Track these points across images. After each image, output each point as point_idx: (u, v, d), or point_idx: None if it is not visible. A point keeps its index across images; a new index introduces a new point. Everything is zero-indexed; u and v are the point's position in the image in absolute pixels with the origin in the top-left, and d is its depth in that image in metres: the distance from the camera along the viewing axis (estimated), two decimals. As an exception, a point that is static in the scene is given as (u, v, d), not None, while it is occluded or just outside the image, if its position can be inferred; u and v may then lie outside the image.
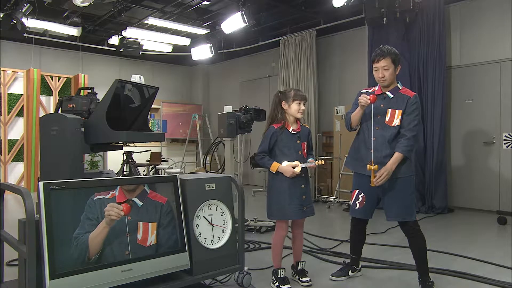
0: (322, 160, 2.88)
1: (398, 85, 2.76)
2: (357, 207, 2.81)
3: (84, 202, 1.99)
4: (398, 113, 2.68)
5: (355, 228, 2.96)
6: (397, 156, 2.61)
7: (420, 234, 2.66)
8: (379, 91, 2.77)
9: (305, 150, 2.85)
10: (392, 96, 2.72)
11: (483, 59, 5.71)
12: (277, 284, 2.75)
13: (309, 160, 2.80)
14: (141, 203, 2.17)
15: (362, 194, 2.77)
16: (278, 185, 2.79)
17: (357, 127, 2.87)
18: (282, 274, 2.78)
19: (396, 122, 2.68)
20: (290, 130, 2.81)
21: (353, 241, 3.02)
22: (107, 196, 2.06)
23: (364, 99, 2.65)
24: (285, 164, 2.74)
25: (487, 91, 5.66)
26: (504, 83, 5.50)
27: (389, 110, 2.70)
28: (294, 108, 2.79)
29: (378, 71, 2.70)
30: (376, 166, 2.58)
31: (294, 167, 2.72)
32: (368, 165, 2.61)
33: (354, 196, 2.83)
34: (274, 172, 2.78)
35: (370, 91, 2.83)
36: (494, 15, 5.61)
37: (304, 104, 2.82)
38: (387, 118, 2.70)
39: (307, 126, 2.95)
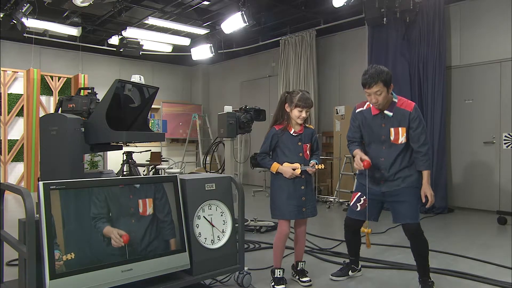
0: (322, 165, 2.86)
1: (393, 99, 2.67)
2: (358, 209, 2.79)
3: (84, 202, 1.99)
4: (402, 130, 2.63)
5: (348, 230, 2.93)
6: (426, 174, 2.61)
7: (423, 238, 2.62)
8: (376, 111, 2.69)
9: (308, 152, 2.84)
10: (391, 114, 2.65)
11: (483, 59, 5.71)
12: (272, 283, 2.76)
13: (310, 163, 2.78)
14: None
15: (364, 197, 2.75)
16: (278, 185, 2.80)
17: None
18: (279, 274, 2.78)
19: (402, 139, 2.63)
20: (291, 132, 2.80)
21: (348, 243, 3.00)
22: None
23: (357, 165, 2.62)
24: (285, 165, 2.74)
25: (487, 91, 5.66)
26: (504, 83, 5.49)
27: (392, 130, 2.64)
28: (294, 114, 2.77)
29: (371, 96, 2.59)
30: (370, 229, 2.59)
31: (294, 169, 2.72)
32: (362, 228, 2.59)
33: (355, 198, 2.81)
34: (274, 173, 2.79)
35: (364, 108, 2.76)
36: (494, 15, 5.61)
37: (307, 112, 2.76)
38: (392, 138, 2.65)
39: (311, 127, 2.91)
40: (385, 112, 2.66)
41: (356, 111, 2.81)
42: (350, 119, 2.88)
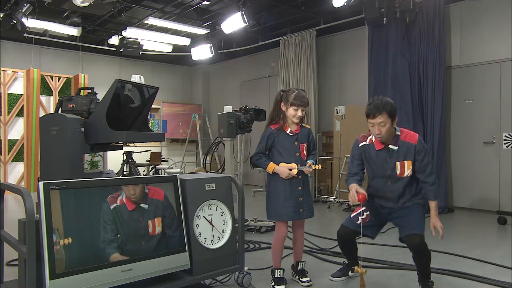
0: (319, 165, 2.83)
1: (396, 132, 2.62)
2: (359, 222, 2.64)
3: (84, 202, 1.99)
4: (407, 164, 2.60)
5: (341, 242, 2.85)
6: (433, 205, 2.61)
7: (426, 251, 2.55)
8: (380, 146, 2.64)
9: (305, 152, 2.81)
10: (396, 148, 2.61)
11: (483, 59, 5.71)
12: (273, 283, 2.76)
13: (307, 163, 2.76)
14: (146, 206, 2.21)
15: (368, 213, 2.68)
16: (274, 186, 2.77)
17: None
18: (279, 275, 2.78)
19: (408, 172, 2.61)
20: (288, 132, 2.77)
21: (345, 251, 2.95)
22: (118, 203, 2.11)
23: (352, 199, 2.55)
24: (281, 165, 2.72)
25: (487, 91, 5.66)
26: (504, 83, 5.49)
27: (398, 164, 2.62)
28: (290, 113, 2.73)
29: (374, 128, 2.55)
30: (364, 270, 2.48)
31: (291, 169, 2.70)
32: (355, 268, 2.52)
33: (358, 212, 2.67)
34: (271, 173, 2.77)
35: (368, 142, 2.71)
36: (494, 15, 5.61)
37: (302, 110, 2.72)
38: (398, 172, 2.63)
39: (308, 127, 2.88)
40: (390, 146, 2.62)
41: (359, 145, 2.75)
42: (351, 153, 2.82)
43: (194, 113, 9.92)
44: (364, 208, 2.59)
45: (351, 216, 2.72)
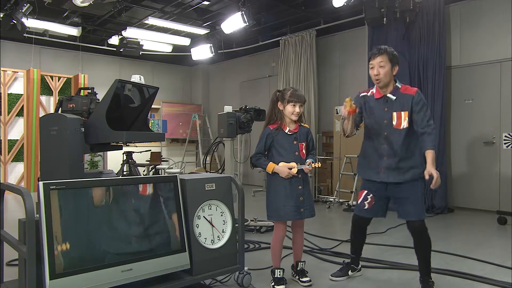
0: (319, 163, 2.83)
1: (397, 84, 2.68)
2: (366, 207, 2.78)
3: (84, 202, 1.99)
4: (404, 114, 2.61)
5: (356, 228, 2.93)
6: (430, 154, 2.50)
7: (426, 236, 2.61)
8: (379, 94, 2.70)
9: (304, 151, 2.81)
10: (394, 97, 2.65)
11: (483, 59, 5.71)
12: (273, 283, 2.76)
13: (306, 161, 2.76)
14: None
15: (371, 195, 2.74)
16: (275, 185, 2.77)
17: (354, 133, 2.79)
18: (279, 275, 2.77)
19: (404, 124, 2.61)
20: (286, 131, 2.77)
21: (353, 241, 3.00)
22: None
23: (342, 111, 2.59)
24: (281, 165, 2.72)
25: (487, 91, 5.66)
26: (504, 83, 5.49)
27: (395, 114, 2.64)
28: (288, 110, 2.74)
29: (374, 69, 2.63)
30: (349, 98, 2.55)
31: (290, 168, 2.70)
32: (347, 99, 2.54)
33: (362, 196, 2.79)
34: (271, 173, 2.76)
35: (368, 94, 2.77)
36: (494, 15, 5.61)
37: (300, 106, 2.74)
38: (394, 122, 2.64)
39: (306, 126, 2.88)
40: (388, 95, 2.66)
41: (360, 95, 2.81)
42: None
43: (194, 113, 9.92)
44: (366, 191, 2.72)
45: (358, 202, 2.82)
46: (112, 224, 2.05)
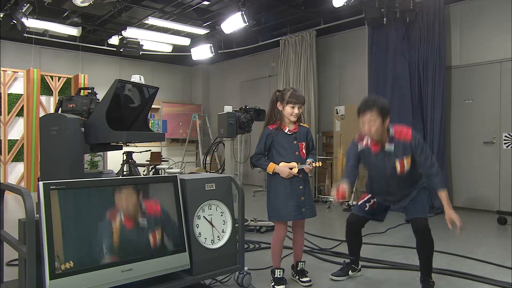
0: (319, 162, 2.84)
1: (390, 132, 2.60)
2: (366, 209, 2.82)
3: (84, 202, 1.99)
4: (406, 160, 2.59)
5: (350, 229, 2.92)
6: (444, 196, 2.55)
7: (429, 236, 2.60)
8: (375, 147, 2.64)
9: (304, 150, 2.81)
10: (392, 149, 2.60)
11: (483, 59, 5.71)
12: (272, 283, 2.76)
13: (307, 161, 2.76)
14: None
15: (375, 200, 2.80)
16: (275, 186, 2.77)
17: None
18: (279, 275, 2.77)
19: (407, 167, 2.62)
20: (286, 131, 2.77)
21: (349, 243, 3.00)
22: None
23: (334, 194, 2.63)
24: (281, 165, 2.72)
25: (487, 91, 5.66)
26: (504, 83, 5.49)
27: (397, 162, 2.61)
28: (287, 111, 2.74)
29: (364, 124, 2.55)
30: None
31: (291, 168, 2.70)
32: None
33: (365, 199, 2.84)
34: (271, 173, 2.76)
35: (364, 146, 2.71)
36: (494, 15, 5.61)
37: (299, 108, 2.72)
38: (398, 169, 2.62)
39: (306, 126, 2.88)
40: (386, 149, 2.61)
41: (358, 149, 2.74)
42: (347, 152, 2.85)
43: (194, 113, 9.92)
44: (370, 195, 2.75)
45: (359, 203, 2.84)
46: (112, 224, 2.05)
